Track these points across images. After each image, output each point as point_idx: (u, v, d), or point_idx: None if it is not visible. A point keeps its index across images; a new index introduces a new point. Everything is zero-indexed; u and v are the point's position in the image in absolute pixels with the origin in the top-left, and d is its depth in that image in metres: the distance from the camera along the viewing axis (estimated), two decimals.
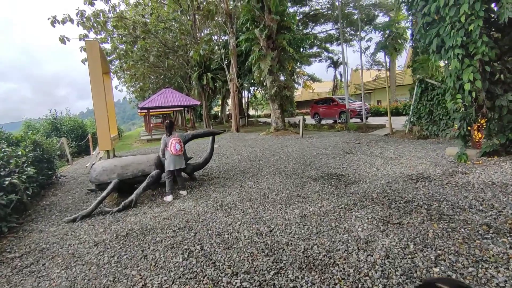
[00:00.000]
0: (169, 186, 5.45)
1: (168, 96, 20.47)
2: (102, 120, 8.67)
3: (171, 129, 5.67)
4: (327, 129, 16.52)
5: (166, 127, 5.71)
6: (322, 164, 6.96)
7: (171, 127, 5.71)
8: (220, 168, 7.60)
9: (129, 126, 77.15)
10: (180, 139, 5.53)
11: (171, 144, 5.42)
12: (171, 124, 5.75)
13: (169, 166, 5.51)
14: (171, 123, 5.76)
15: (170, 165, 5.50)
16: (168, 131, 5.66)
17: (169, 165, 5.51)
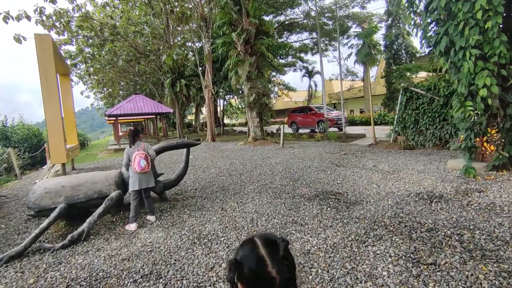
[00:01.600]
0: (134, 211, 4.36)
1: (139, 103, 19.05)
2: (55, 128, 7.36)
3: (134, 138, 4.56)
4: (307, 138, 15.95)
5: (129, 135, 4.65)
6: (313, 179, 6.17)
7: (135, 135, 4.59)
8: (196, 184, 6.58)
9: (98, 135, 72.95)
10: (145, 153, 4.43)
11: (135, 159, 4.34)
12: (135, 132, 4.62)
13: (133, 186, 4.42)
14: (135, 131, 4.65)
15: (135, 184, 4.42)
16: (131, 141, 4.57)
17: (133, 184, 4.42)
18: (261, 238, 0.93)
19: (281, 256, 0.88)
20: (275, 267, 0.86)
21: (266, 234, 0.97)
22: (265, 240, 0.93)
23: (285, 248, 0.90)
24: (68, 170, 10.18)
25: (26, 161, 12.06)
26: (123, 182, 4.77)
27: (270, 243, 0.92)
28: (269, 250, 0.89)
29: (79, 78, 24.62)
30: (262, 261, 0.87)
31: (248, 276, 0.88)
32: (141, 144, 4.57)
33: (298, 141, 14.75)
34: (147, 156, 4.43)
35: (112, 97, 29.35)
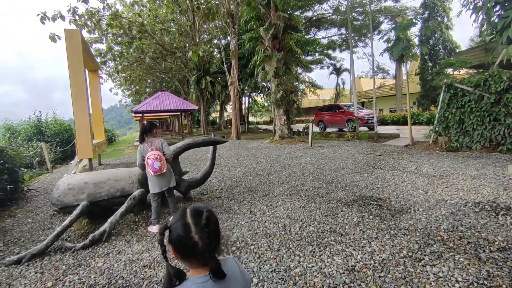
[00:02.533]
0: (155, 213, 4.08)
1: (164, 99, 19.18)
2: (82, 124, 7.33)
3: (146, 134, 4.07)
4: (335, 137, 15.27)
5: (140, 131, 4.16)
6: (348, 182, 5.65)
7: (147, 131, 4.08)
8: (221, 183, 6.27)
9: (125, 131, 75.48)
10: (159, 153, 3.90)
11: (147, 161, 3.89)
12: (146, 128, 4.11)
13: (153, 188, 4.04)
14: (148, 126, 4.13)
15: (154, 187, 4.04)
16: (140, 137, 4.11)
17: (153, 187, 4.04)
18: (190, 208, 1.06)
19: (203, 224, 1.00)
20: (198, 233, 0.99)
21: (196, 205, 1.08)
22: (194, 210, 1.05)
23: (207, 217, 1.01)
24: (95, 165, 10.27)
25: (57, 155, 12.37)
26: (146, 180, 4.51)
27: (197, 213, 1.03)
28: (195, 219, 1.01)
29: (108, 76, 25.29)
30: (188, 227, 1.00)
31: (175, 240, 1.01)
32: (155, 141, 4.05)
33: (327, 140, 14.13)
34: (161, 156, 3.93)
35: (139, 94, 29.99)
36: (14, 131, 13.45)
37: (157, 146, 4.02)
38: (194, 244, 0.98)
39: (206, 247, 0.98)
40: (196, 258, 1.01)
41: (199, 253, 0.99)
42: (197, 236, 0.98)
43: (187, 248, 1.00)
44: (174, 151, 4.72)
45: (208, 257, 1.00)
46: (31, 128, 13.28)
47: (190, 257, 1.02)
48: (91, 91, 10.30)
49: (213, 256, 1.01)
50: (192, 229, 0.99)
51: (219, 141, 5.03)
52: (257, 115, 45.27)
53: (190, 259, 1.02)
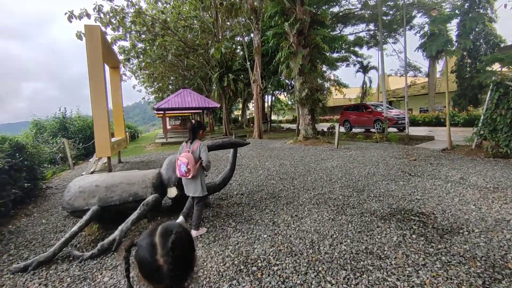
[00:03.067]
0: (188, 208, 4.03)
1: (186, 97, 19.11)
2: (101, 121, 7.17)
3: (194, 134, 3.77)
4: (362, 138, 14.46)
5: (189, 128, 3.85)
6: (382, 190, 5.06)
7: (195, 131, 3.77)
8: (242, 187, 5.86)
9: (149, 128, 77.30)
10: (191, 158, 3.55)
11: (177, 161, 3.69)
12: (197, 127, 3.80)
13: (185, 189, 3.87)
14: (198, 125, 3.83)
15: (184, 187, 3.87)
16: (190, 135, 3.78)
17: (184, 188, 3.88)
18: (163, 226, 0.97)
19: (169, 247, 0.89)
20: (163, 256, 0.89)
21: (170, 223, 0.99)
22: (164, 228, 0.95)
23: (174, 241, 0.90)
24: (114, 162, 10.22)
25: (80, 152, 12.52)
26: (161, 185, 4.20)
27: (166, 232, 0.93)
28: (163, 239, 0.91)
29: (132, 73, 25.66)
30: (153, 247, 0.91)
31: (139, 260, 0.92)
32: (196, 143, 3.69)
33: (353, 141, 13.39)
34: (192, 161, 3.54)
35: (162, 91, 30.30)
36: (41, 126, 13.77)
37: (194, 149, 3.67)
38: (158, 267, 0.90)
39: (171, 273, 0.90)
40: (160, 283, 0.92)
41: (163, 278, 0.90)
42: (162, 260, 0.90)
43: (150, 271, 0.92)
44: None
45: (173, 285, 0.91)
46: (56, 124, 13.55)
47: (154, 281, 0.92)
48: (112, 88, 10.24)
49: (179, 285, 0.92)
50: (158, 251, 0.91)
51: (240, 143, 4.62)
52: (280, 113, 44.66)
53: (155, 283, 0.93)
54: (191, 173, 3.56)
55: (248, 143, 4.63)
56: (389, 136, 13.07)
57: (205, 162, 3.61)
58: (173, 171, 4.24)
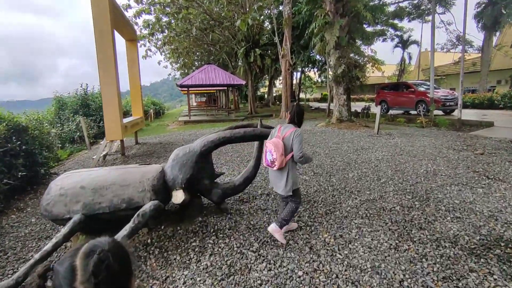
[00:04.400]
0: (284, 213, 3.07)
1: (211, 73, 18.07)
2: (110, 100, 6.33)
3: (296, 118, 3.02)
4: (404, 122, 12.80)
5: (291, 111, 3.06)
6: (456, 201, 3.80)
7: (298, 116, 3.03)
8: (267, 184, 4.82)
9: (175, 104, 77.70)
10: (281, 146, 2.84)
11: (264, 146, 3.03)
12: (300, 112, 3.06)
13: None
14: (300, 111, 3.06)
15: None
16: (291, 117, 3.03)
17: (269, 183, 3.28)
18: (88, 244, 0.81)
19: (91, 271, 0.73)
20: (83, 283, 0.73)
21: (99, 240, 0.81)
22: (89, 247, 0.79)
23: (95, 263, 0.73)
24: (131, 144, 9.55)
25: (100, 130, 12.02)
26: (164, 187, 3.24)
27: (89, 252, 0.77)
28: (85, 261, 0.75)
29: (157, 48, 24.84)
30: (72, 272, 0.76)
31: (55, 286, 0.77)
32: (290, 129, 2.94)
33: (394, 125, 11.81)
34: (281, 151, 2.82)
35: (187, 67, 29.38)
36: (63, 103, 13.40)
37: (286, 136, 2.91)
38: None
39: None
40: None
41: None
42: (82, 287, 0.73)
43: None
44: (205, 146, 3.35)
45: None
46: (77, 101, 13.08)
47: None
48: (129, 62, 9.38)
49: None
50: (78, 276, 0.74)
51: (267, 135, 3.51)
52: (307, 91, 42.57)
53: None
54: (277, 164, 2.82)
55: None
56: (438, 121, 11.35)
57: (297, 155, 2.83)
58: (180, 169, 3.27)
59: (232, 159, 6.65)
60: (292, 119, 3.01)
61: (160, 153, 7.70)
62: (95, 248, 0.79)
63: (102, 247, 0.78)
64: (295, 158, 2.85)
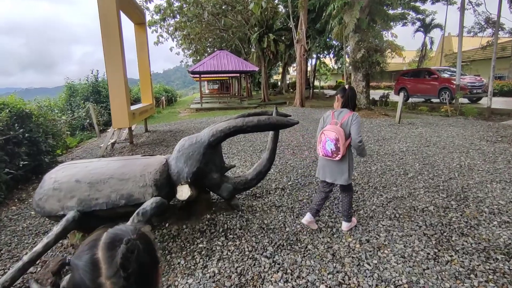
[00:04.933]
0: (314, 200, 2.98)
1: (223, 59, 17.56)
2: (118, 87, 6.02)
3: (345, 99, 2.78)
4: (427, 111, 12.09)
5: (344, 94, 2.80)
6: (501, 202, 3.31)
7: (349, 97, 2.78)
8: (283, 177, 4.44)
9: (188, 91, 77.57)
10: (341, 130, 2.61)
11: (321, 136, 2.72)
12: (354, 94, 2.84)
13: (317, 171, 2.96)
14: (353, 93, 2.84)
15: (318, 170, 2.94)
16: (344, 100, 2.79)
17: (317, 170, 2.96)
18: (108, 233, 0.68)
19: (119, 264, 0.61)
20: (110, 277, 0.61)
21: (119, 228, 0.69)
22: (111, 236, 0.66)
23: (125, 253, 0.62)
24: (140, 131, 9.31)
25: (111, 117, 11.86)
26: (168, 181, 2.91)
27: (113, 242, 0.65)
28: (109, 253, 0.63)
29: (169, 34, 24.42)
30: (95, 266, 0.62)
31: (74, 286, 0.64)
32: (346, 113, 2.72)
33: (415, 114, 11.14)
34: (343, 139, 2.58)
35: (199, 54, 28.89)
36: (74, 90, 13.27)
37: (344, 121, 2.67)
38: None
39: None
40: None
41: None
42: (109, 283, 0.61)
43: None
44: (213, 135, 2.97)
45: None
46: (88, 88, 12.92)
47: None
48: (138, 47, 9.03)
49: None
50: (102, 270, 0.61)
51: (283, 124, 3.09)
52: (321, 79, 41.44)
53: None
54: (340, 153, 2.60)
55: (296, 122, 3.10)
56: (464, 110, 10.60)
57: (356, 138, 2.61)
58: (185, 161, 2.92)
59: (244, 149, 6.28)
60: (346, 103, 2.77)
61: (169, 142, 7.40)
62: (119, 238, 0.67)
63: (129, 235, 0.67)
64: (353, 142, 2.62)
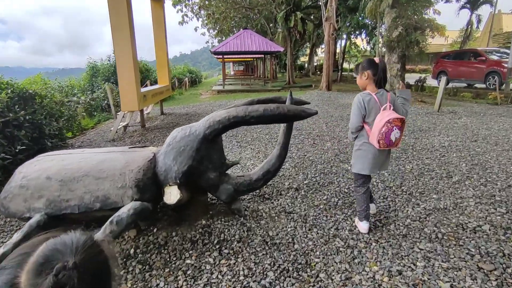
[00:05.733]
0: (362, 203, 2.47)
1: (247, 39, 16.76)
2: (125, 65, 5.60)
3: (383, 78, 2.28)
4: (471, 97, 10.77)
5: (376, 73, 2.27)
6: None
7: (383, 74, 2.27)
8: (298, 172, 3.84)
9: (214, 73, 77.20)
10: (403, 118, 2.17)
11: (382, 124, 2.13)
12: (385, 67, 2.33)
13: (362, 167, 2.41)
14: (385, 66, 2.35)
15: (364, 165, 2.39)
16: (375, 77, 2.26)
17: (362, 165, 2.41)
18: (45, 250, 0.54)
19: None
20: None
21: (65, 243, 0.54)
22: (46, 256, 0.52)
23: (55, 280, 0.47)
24: (156, 113, 8.98)
25: None
26: (153, 182, 2.42)
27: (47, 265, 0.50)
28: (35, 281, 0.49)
29: (194, 14, 23.80)
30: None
31: None
32: (387, 93, 2.29)
33: (457, 101, 9.92)
34: (404, 122, 2.20)
35: (224, 34, 28.07)
36: (96, 70, 13.20)
37: (391, 101, 2.25)
38: None
39: None
40: None
41: None
42: None
43: None
44: (210, 127, 2.42)
45: None
46: (109, 68, 12.77)
47: None
48: (154, 24, 8.55)
49: None
50: None
51: (296, 115, 2.44)
52: (351, 60, 39.26)
53: None
54: (400, 141, 2.28)
55: (315, 112, 2.47)
56: None
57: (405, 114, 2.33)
58: (174, 158, 2.41)
59: (259, 137, 5.71)
60: (379, 81, 2.26)
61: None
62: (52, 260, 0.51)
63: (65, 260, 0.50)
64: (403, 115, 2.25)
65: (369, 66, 2.25)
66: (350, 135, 2.51)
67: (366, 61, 2.33)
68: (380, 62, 2.24)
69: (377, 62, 2.24)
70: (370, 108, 2.26)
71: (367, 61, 2.32)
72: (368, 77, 2.26)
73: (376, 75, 2.23)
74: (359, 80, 2.37)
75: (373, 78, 2.24)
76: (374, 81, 2.25)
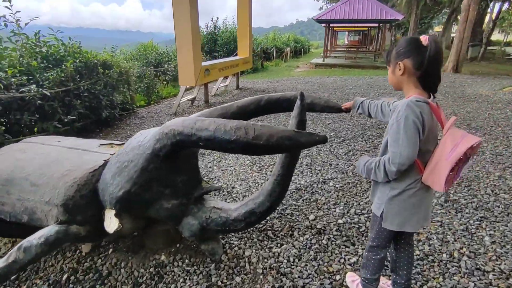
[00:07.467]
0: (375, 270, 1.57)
1: (357, 4, 14.36)
2: (184, 37, 5.19)
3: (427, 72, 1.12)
4: None
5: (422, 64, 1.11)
6: None
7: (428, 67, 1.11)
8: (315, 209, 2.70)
9: None
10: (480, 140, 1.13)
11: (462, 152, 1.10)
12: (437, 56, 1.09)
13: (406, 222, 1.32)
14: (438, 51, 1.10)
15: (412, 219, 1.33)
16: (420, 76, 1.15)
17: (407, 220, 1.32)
18: None
19: None
20: None
21: None
22: None
23: None
24: (231, 88, 8.55)
25: None
26: (90, 201, 1.83)
27: None
28: None
29: None
30: None
31: None
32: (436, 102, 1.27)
33: None
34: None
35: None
36: None
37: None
38: None
39: None
40: None
41: None
42: None
43: None
44: (159, 140, 1.60)
45: None
46: (208, 36, 13.02)
47: None
48: None
49: None
50: None
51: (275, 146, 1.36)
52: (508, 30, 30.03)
53: None
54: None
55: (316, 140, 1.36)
56: None
57: None
58: (113, 176, 1.75)
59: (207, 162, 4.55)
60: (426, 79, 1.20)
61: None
62: None
63: None
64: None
65: (409, 52, 1.07)
66: (391, 171, 1.24)
67: (404, 41, 1.13)
68: (430, 43, 1.01)
69: (424, 44, 1.04)
70: (428, 126, 1.18)
71: (405, 41, 1.12)
72: (405, 72, 1.09)
73: (421, 68, 1.06)
74: (390, 75, 1.20)
75: (415, 73, 1.06)
76: (418, 79, 1.09)
